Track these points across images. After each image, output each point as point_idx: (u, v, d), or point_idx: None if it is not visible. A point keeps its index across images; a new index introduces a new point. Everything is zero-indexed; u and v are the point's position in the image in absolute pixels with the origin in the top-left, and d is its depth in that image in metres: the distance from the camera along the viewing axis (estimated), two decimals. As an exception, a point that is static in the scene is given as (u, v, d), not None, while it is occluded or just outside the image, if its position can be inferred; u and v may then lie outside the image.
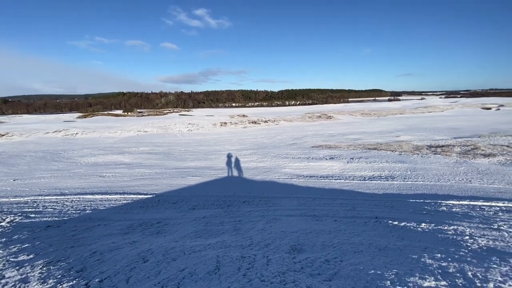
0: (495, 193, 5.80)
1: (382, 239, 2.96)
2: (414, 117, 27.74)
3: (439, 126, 20.44)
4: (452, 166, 8.27)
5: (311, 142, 14.77)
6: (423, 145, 12.10)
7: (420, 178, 7.12)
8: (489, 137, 13.77)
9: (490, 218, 4.06)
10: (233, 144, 15.90)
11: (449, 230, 3.37)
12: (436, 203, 4.97)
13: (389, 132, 17.72)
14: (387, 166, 8.46)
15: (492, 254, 2.66)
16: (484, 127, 18.53)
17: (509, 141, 12.27)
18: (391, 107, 40.84)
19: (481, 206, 4.76)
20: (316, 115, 29.04)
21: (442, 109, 34.66)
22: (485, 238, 3.13)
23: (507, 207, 4.73)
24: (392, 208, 4.79)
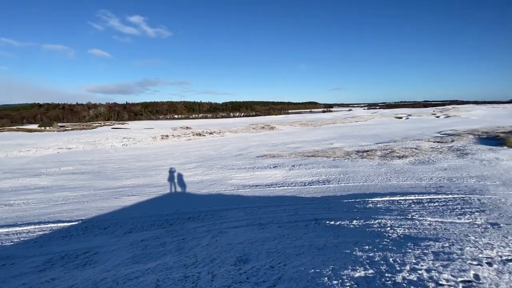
0: (409, 188, 6.89)
1: (320, 239, 3.17)
2: (344, 126, 31.36)
3: (364, 134, 23.49)
4: (375, 167, 9.54)
5: (256, 152, 15.15)
6: (353, 150, 13.67)
7: (351, 180, 7.98)
8: (401, 141, 16.45)
9: (405, 210, 4.79)
10: (176, 158, 15.14)
11: (375, 224, 3.84)
12: (365, 201, 5.62)
13: (324, 140, 19.52)
14: (324, 171, 9.24)
15: (408, 241, 3.12)
16: (398, 134, 22.07)
17: (416, 144, 14.86)
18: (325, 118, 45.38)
19: (398, 200, 5.58)
20: (260, 126, 30.11)
21: (366, 119, 40.11)
22: (402, 228, 3.66)
23: (418, 199, 5.66)
24: (329, 209, 5.21)
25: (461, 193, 5.92)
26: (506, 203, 5.03)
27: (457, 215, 4.34)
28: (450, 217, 4.22)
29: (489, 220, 4.09)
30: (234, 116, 78.60)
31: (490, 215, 4.33)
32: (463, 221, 4.02)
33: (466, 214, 4.40)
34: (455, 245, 2.97)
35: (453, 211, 4.55)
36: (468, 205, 4.91)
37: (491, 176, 7.86)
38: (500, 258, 2.73)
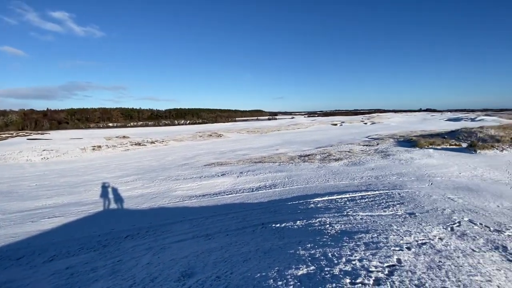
0: (344, 187, 7.60)
1: (267, 243, 3.22)
2: (288, 133, 33.20)
3: (306, 139, 25.23)
4: (316, 170, 10.27)
5: (203, 160, 14.74)
6: (296, 155, 14.50)
7: (295, 183, 8.42)
8: (337, 146, 18.20)
9: (341, 207, 5.24)
10: (111, 171, 13.60)
11: (316, 222, 4.09)
12: (307, 202, 5.97)
13: (271, 146, 20.25)
14: (271, 176, 9.53)
15: (344, 235, 3.40)
16: (334, 139, 24.37)
17: (349, 148, 16.61)
18: (271, 125, 47.34)
19: (335, 199, 6.09)
20: (207, 134, 29.53)
21: (306, 126, 43.33)
22: (339, 224, 3.99)
23: (351, 197, 6.27)
24: (275, 212, 5.36)
25: (386, 189, 6.81)
26: (419, 195, 5.97)
27: (383, 208, 4.96)
28: (377, 211, 4.79)
29: (407, 211, 4.78)
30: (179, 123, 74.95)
31: (408, 206, 5.07)
32: (388, 213, 4.61)
33: (389, 207, 5.06)
34: (381, 234, 3.37)
35: (380, 205, 5.18)
36: (391, 199, 5.66)
37: (408, 173, 9.28)
38: (416, 243, 3.19)
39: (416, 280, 2.13)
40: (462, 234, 3.60)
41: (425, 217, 4.29)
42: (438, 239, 3.35)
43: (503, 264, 2.76)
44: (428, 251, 2.87)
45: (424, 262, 2.55)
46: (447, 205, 5.03)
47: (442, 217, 4.30)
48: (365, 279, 2.07)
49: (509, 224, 4.06)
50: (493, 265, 2.70)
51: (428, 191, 6.29)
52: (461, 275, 2.33)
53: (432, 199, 5.51)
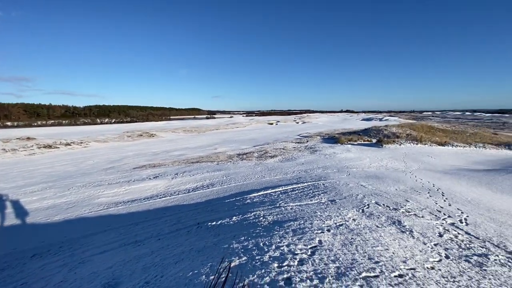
0: (278, 182, 8.08)
1: (201, 241, 3.17)
2: (226, 132, 33.29)
3: (244, 138, 25.77)
4: (253, 167, 10.62)
5: (132, 163, 13.44)
6: (234, 154, 14.66)
7: (233, 181, 8.52)
8: (273, 143, 19.18)
9: (275, 200, 5.56)
10: (9, 181, 11.10)
11: (251, 216, 4.24)
12: (243, 198, 6.12)
13: (209, 146, 19.94)
14: (208, 176, 9.39)
15: (275, 225, 3.63)
16: (270, 137, 25.60)
17: (283, 145, 17.71)
18: (209, 124, 46.55)
19: (270, 193, 6.42)
20: (137, 134, 26.95)
21: (245, 125, 44.27)
22: (272, 215, 4.23)
23: (284, 190, 6.71)
24: (212, 211, 5.32)
25: (313, 181, 7.53)
26: (339, 184, 6.81)
27: (310, 197, 5.48)
28: (305, 200, 5.27)
29: (330, 198, 5.40)
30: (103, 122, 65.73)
31: (330, 195, 5.73)
32: (314, 202, 5.12)
33: (315, 196, 5.63)
34: (307, 221, 3.73)
35: (307, 195, 5.71)
36: (317, 189, 6.30)
37: (331, 166, 10.48)
38: (335, 225, 3.64)
39: (332, 256, 2.44)
40: (370, 214, 4.29)
41: (343, 203, 4.94)
42: (352, 220, 3.91)
43: (397, 235, 3.40)
44: (343, 230, 3.32)
45: (340, 240, 2.94)
46: (360, 191, 5.91)
47: (356, 202, 5.03)
48: (291, 261, 2.27)
49: (403, 203, 5.02)
50: (390, 236, 3.30)
51: (346, 181, 7.24)
52: (367, 247, 2.77)
53: (349, 187, 6.37)
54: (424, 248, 3.00)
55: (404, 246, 2.95)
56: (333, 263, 2.31)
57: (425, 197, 5.63)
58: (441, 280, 2.20)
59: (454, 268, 2.53)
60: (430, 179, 7.83)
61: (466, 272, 2.48)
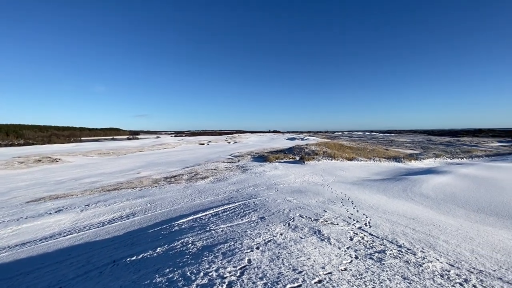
0: (209, 204, 7.84)
1: (117, 282, 2.74)
2: (152, 154, 30.72)
3: (172, 160, 24.31)
4: (182, 190, 10.04)
5: (25, 196, 10.79)
6: (161, 177, 13.60)
7: (159, 207, 7.82)
8: (204, 164, 18.72)
9: (205, 224, 5.36)
10: None
11: (178, 244, 3.95)
12: (171, 225, 5.67)
13: (131, 170, 17.94)
14: (129, 204, 8.36)
15: (205, 250, 3.47)
16: (201, 158, 24.95)
17: (215, 166, 17.49)
18: (131, 146, 42.09)
19: (200, 217, 6.16)
20: (33, 159, 21.89)
21: (173, 145, 41.91)
22: (202, 240, 4.04)
23: (215, 212, 6.55)
24: (132, 245, 4.71)
25: (244, 200, 7.64)
26: (268, 201, 7.10)
27: (241, 217, 5.51)
28: (236, 220, 5.26)
29: (259, 216, 5.55)
30: (-17, 147, 50.88)
31: (260, 212, 5.90)
32: (244, 221, 5.16)
33: (246, 215, 5.70)
34: (238, 241, 3.71)
35: (239, 215, 5.73)
36: (247, 208, 6.40)
37: (261, 184, 10.89)
38: (264, 241, 3.73)
39: (260, 273, 2.49)
40: (295, 227, 4.60)
41: (271, 219, 5.15)
42: (280, 234, 4.11)
43: (318, 243, 3.74)
44: (271, 246, 3.44)
45: (268, 256, 3.03)
46: (286, 206, 6.30)
47: (283, 216, 5.32)
48: (220, 286, 2.19)
49: (322, 213, 5.59)
50: (312, 246, 3.60)
51: (275, 197, 7.63)
52: (292, 260, 2.94)
53: (277, 203, 6.73)
54: (339, 252, 3.38)
55: (323, 253, 3.25)
56: (261, 280, 2.34)
57: (339, 206, 6.44)
58: (351, 279, 2.51)
59: (361, 266, 2.93)
60: (343, 190, 9.03)
61: (370, 268, 2.90)
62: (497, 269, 3.23)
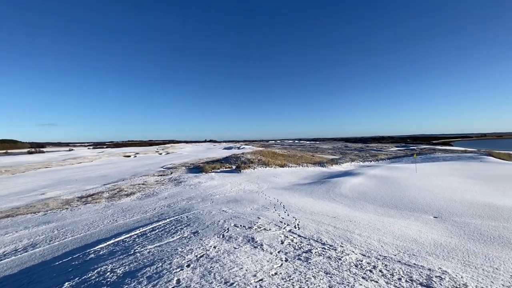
0: (135, 223, 7.03)
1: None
2: (63, 170, 25.94)
3: (90, 176, 21.07)
4: (101, 211, 8.75)
5: None
6: (74, 197, 11.58)
7: (69, 233, 6.59)
8: (130, 179, 16.85)
9: (129, 247, 4.76)
10: None
11: (94, 275, 3.37)
12: (85, 253, 4.83)
13: (32, 191, 14.68)
14: (27, 234, 6.78)
15: (127, 277, 3.06)
16: (127, 172, 22.40)
17: (143, 180, 15.96)
18: (33, 161, 34.53)
19: (123, 240, 5.45)
20: None
21: (91, 159, 36.41)
22: (123, 266, 3.56)
23: (142, 232, 5.91)
24: (30, 284, 3.80)
25: (176, 215, 7.16)
26: (203, 214, 6.84)
27: (171, 234, 5.13)
28: (166, 239, 4.86)
29: (193, 231, 5.28)
30: None
31: (193, 226, 5.62)
32: (175, 238, 4.81)
33: (178, 231, 5.33)
34: (166, 262, 3.42)
35: (169, 233, 5.32)
36: (180, 224, 6.01)
37: (196, 196, 10.45)
38: (196, 257, 3.54)
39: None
40: (229, 237, 4.54)
41: (205, 232, 4.96)
42: (213, 247, 3.98)
43: (251, 251, 3.76)
44: (203, 261, 3.29)
45: (199, 273, 2.88)
46: (221, 216, 6.20)
47: (217, 228, 5.20)
48: (141, 317, 1.94)
49: (256, 221, 5.70)
50: (245, 254, 3.60)
51: (210, 209, 7.42)
52: (224, 272, 2.87)
53: (212, 214, 6.55)
54: (271, 257, 3.48)
55: (256, 261, 3.29)
56: (191, 301, 2.19)
57: (272, 212, 6.70)
58: (280, 282, 2.60)
59: (290, 268, 3.08)
60: (276, 196, 9.47)
61: (298, 268, 3.07)
62: (397, 254, 3.87)
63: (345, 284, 2.65)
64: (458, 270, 3.24)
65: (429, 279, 2.90)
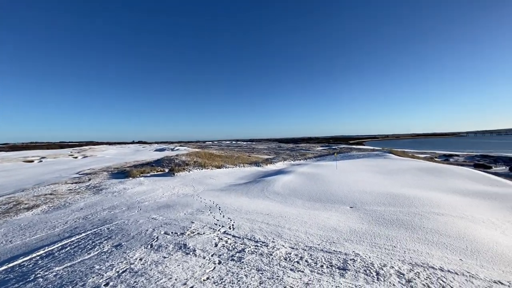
0: (38, 242, 5.81)
1: None
2: None
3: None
4: (-12, 232, 6.93)
5: None
6: None
7: None
8: (33, 189, 13.89)
9: (29, 271, 3.90)
10: None
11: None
12: (-41, 289, 3.72)
13: None
14: None
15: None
16: (29, 180, 18.41)
17: (52, 189, 13.37)
18: None
19: (21, 264, 4.43)
20: None
21: (-24, 167, 28.52)
22: (18, 297, 2.88)
23: (48, 251, 4.92)
24: None
25: (94, 228, 6.24)
26: (128, 224, 6.15)
27: (87, 251, 4.43)
28: (80, 257, 4.17)
29: (114, 244, 4.68)
30: None
31: (115, 239, 4.99)
32: (92, 255, 4.18)
33: (96, 246, 4.65)
34: (78, 283, 2.92)
35: (84, 249, 4.58)
36: (98, 237, 5.26)
37: (120, 204, 9.34)
38: (117, 273, 3.14)
39: (106, 317, 2.03)
40: (159, 246, 4.21)
41: (130, 244, 4.47)
42: (139, 260, 3.61)
43: (183, 259, 3.57)
44: (126, 277, 2.95)
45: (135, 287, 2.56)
46: (150, 225, 5.70)
47: (145, 238, 4.75)
48: None
49: (189, 226, 5.46)
50: (176, 263, 3.39)
51: (137, 217, 6.74)
52: (150, 286, 2.62)
53: (139, 223, 5.96)
54: (203, 262, 3.37)
55: (187, 268, 3.13)
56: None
57: (207, 215, 6.54)
58: (212, 287, 2.53)
59: (223, 270, 3.04)
60: (212, 198, 9.30)
61: (231, 269, 3.06)
62: (320, 243, 4.28)
63: (274, 278, 2.77)
64: (367, 251, 3.79)
65: (345, 262, 3.30)
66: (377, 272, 3.02)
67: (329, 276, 2.94)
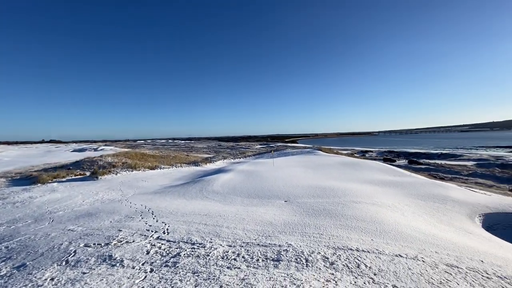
0: None
1: None
2: None
3: None
4: None
5: None
6: None
7: None
8: None
9: None
10: None
11: None
12: None
13: None
14: None
15: None
16: None
17: None
18: None
19: None
20: None
21: None
22: None
23: None
24: None
25: (-15, 249, 4.99)
26: (35, 239, 5.13)
27: (-27, 279, 3.51)
28: (-39, 287, 3.28)
29: (16, 265, 3.85)
30: None
31: (17, 259, 4.11)
32: (-19, 283, 3.34)
33: (-14, 271, 3.73)
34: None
35: (-32, 277, 3.62)
36: (-9, 260, 4.23)
37: (24, 217, 7.72)
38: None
39: None
40: (77, 261, 3.65)
41: (38, 263, 3.75)
42: (50, 280, 3.06)
43: (107, 272, 3.18)
44: (30, 304, 2.45)
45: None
46: (66, 238, 4.90)
47: (58, 254, 4.05)
48: None
49: (116, 234, 4.91)
50: (98, 278, 3.00)
51: (47, 230, 5.69)
52: (63, 309, 2.25)
53: (50, 237, 5.05)
54: (133, 272, 3.08)
55: (112, 281, 2.81)
56: None
57: (138, 221, 6.00)
58: (142, 299, 2.34)
59: (155, 278, 2.84)
60: (143, 202, 8.58)
61: (164, 276, 2.89)
62: (257, 238, 4.43)
63: (211, 279, 2.74)
64: (298, 241, 4.11)
65: (279, 254, 3.51)
66: (306, 259, 3.31)
67: (264, 268, 3.07)
